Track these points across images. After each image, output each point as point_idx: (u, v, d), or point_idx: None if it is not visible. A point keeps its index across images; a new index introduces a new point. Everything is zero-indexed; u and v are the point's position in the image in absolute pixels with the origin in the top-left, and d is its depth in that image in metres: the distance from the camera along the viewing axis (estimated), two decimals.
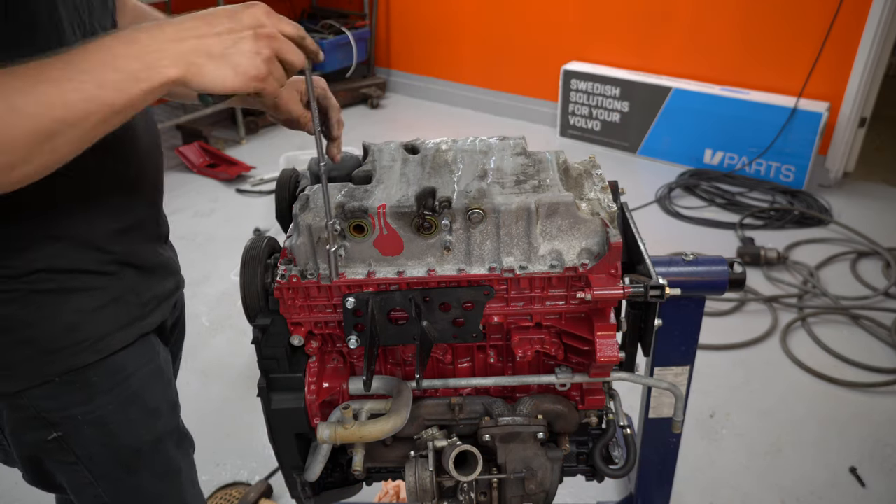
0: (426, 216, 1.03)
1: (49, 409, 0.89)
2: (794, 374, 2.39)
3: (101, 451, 0.95)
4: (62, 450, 0.93)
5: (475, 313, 1.10)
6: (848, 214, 3.32)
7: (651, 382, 1.27)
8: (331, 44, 4.61)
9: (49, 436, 0.91)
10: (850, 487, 1.97)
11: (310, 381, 1.16)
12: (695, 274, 1.28)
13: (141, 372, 0.96)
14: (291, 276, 1.07)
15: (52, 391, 0.88)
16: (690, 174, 3.72)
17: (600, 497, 1.85)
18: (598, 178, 1.19)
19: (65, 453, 0.93)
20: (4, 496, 1.96)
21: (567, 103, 4.15)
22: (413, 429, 1.21)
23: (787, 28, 3.48)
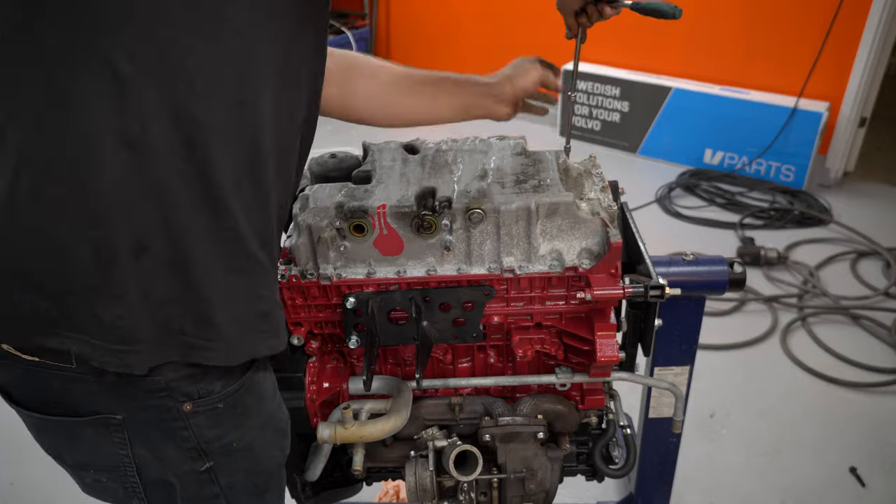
0: (426, 216, 1.03)
1: (209, 438, 0.85)
2: (794, 374, 2.39)
3: (242, 479, 0.91)
4: (210, 482, 0.89)
5: (475, 313, 1.10)
6: (848, 214, 3.32)
7: (651, 382, 1.27)
8: (330, 44, 4.60)
9: (202, 467, 0.87)
10: (850, 487, 1.97)
11: (310, 381, 1.16)
12: (695, 274, 1.28)
13: (268, 392, 0.93)
14: (291, 275, 1.07)
15: (215, 418, 0.84)
16: (690, 174, 3.72)
17: (600, 497, 1.85)
18: (598, 177, 1.19)
19: (211, 485, 0.89)
20: (4, 495, 1.96)
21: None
22: (413, 429, 1.21)
23: (787, 28, 3.48)
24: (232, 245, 0.77)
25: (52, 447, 0.90)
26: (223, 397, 0.84)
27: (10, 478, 2.01)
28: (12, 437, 2.08)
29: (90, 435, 0.84)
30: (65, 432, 0.86)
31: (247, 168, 0.76)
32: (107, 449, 0.85)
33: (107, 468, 0.87)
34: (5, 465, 2.05)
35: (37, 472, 2.00)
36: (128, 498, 0.90)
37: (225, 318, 0.79)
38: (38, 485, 1.98)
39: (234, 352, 0.81)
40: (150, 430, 0.83)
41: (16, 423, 0.98)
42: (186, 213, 0.73)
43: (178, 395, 0.81)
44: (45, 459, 1.00)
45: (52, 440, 0.89)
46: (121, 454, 0.85)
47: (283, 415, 0.98)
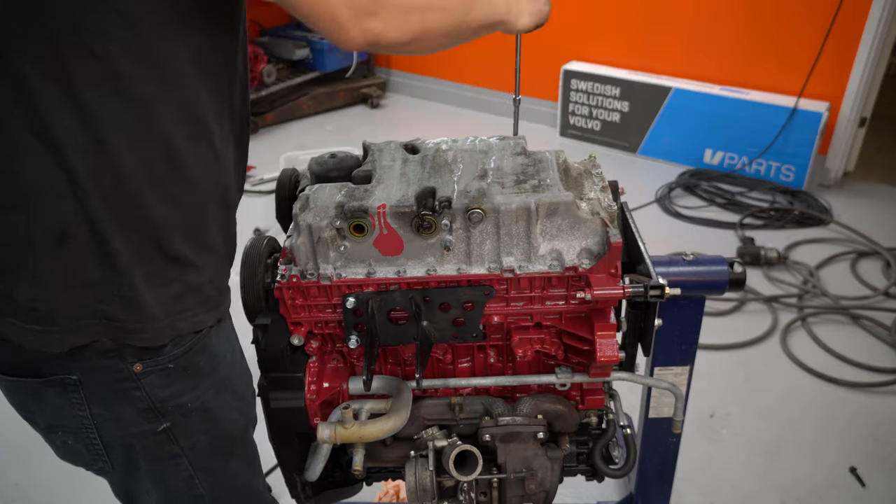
0: (426, 216, 1.03)
1: (163, 397, 0.89)
2: (794, 374, 2.39)
3: (202, 440, 0.95)
4: (168, 441, 0.93)
5: (475, 313, 1.10)
6: (848, 214, 3.32)
7: (651, 382, 1.27)
8: (331, 45, 4.61)
9: (159, 427, 0.91)
10: (850, 487, 1.97)
11: (310, 380, 1.16)
12: (695, 274, 1.28)
13: (227, 358, 0.97)
14: (291, 275, 1.07)
15: (166, 378, 0.88)
16: (690, 174, 3.72)
17: (600, 497, 1.85)
18: (598, 177, 1.19)
19: (170, 445, 0.93)
20: (4, 495, 1.96)
21: (567, 103, 4.15)
22: (413, 429, 1.21)
23: (787, 28, 3.48)
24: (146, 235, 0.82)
25: (24, 409, 0.94)
26: (173, 357, 0.88)
27: (15, 478, 2.01)
28: (16, 438, 2.09)
29: (52, 396, 0.88)
30: (31, 394, 0.90)
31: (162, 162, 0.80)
32: (68, 410, 0.89)
33: (71, 430, 0.91)
34: (10, 466, 2.05)
35: (41, 473, 2.00)
36: (93, 460, 0.94)
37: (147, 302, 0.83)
38: (42, 485, 1.98)
39: (159, 333, 0.86)
40: (104, 390, 0.87)
41: (19, 424, 0.99)
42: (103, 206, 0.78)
43: (128, 356, 0.86)
44: (48, 459, 1.00)
45: (23, 402, 0.93)
46: (80, 415, 0.89)
47: (244, 380, 1.02)
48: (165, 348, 0.87)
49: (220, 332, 0.96)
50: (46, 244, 0.78)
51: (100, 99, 0.75)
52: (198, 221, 0.87)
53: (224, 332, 0.97)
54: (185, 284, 0.87)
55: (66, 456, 0.97)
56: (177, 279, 0.86)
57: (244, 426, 1.02)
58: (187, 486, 0.98)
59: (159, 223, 0.82)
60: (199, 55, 0.81)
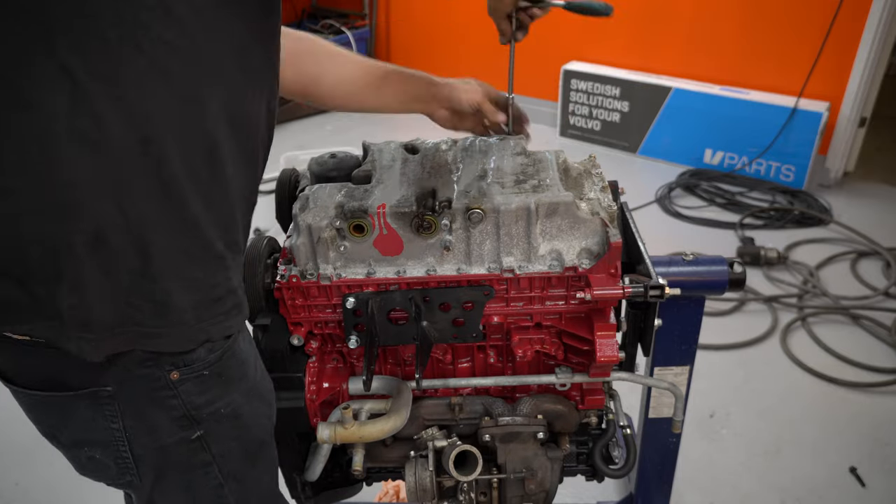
0: (426, 216, 1.03)
1: (198, 404, 0.88)
2: (794, 374, 2.39)
3: (233, 447, 0.94)
4: (201, 450, 0.91)
5: (475, 313, 1.10)
6: (848, 214, 3.32)
7: (651, 382, 1.27)
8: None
9: (193, 435, 0.89)
10: (850, 487, 1.97)
11: (310, 381, 1.16)
12: (695, 274, 1.28)
13: (253, 362, 0.96)
14: (291, 276, 1.07)
15: (202, 385, 0.87)
16: (690, 174, 3.72)
17: (600, 497, 1.85)
18: (597, 177, 1.19)
19: (203, 453, 0.91)
20: (4, 495, 1.96)
21: (567, 103, 4.15)
22: (413, 429, 1.21)
23: (787, 28, 3.48)
24: (190, 236, 0.80)
25: (46, 426, 0.92)
26: (208, 364, 0.87)
27: (15, 478, 2.01)
28: (17, 438, 2.09)
29: (82, 409, 0.86)
30: (58, 409, 0.88)
31: (204, 161, 0.79)
32: (99, 423, 0.87)
33: (100, 444, 0.89)
34: (10, 466, 2.05)
35: (41, 473, 2.01)
36: (120, 474, 0.92)
37: (181, 307, 0.82)
38: (42, 484, 1.98)
39: (185, 339, 0.84)
40: (140, 400, 0.86)
41: (19, 424, 0.98)
42: (144, 207, 0.76)
43: (165, 363, 0.84)
44: (48, 460, 1.00)
45: (46, 418, 0.91)
46: (112, 427, 0.87)
47: (268, 384, 1.01)
48: (199, 355, 0.86)
49: (245, 337, 0.94)
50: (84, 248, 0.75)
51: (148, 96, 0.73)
52: (230, 222, 0.86)
53: (247, 337, 0.96)
54: (225, 288, 0.86)
55: (89, 471, 0.94)
56: (219, 283, 0.85)
57: (270, 430, 1.01)
58: (216, 495, 0.96)
59: (201, 223, 0.80)
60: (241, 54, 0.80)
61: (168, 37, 0.73)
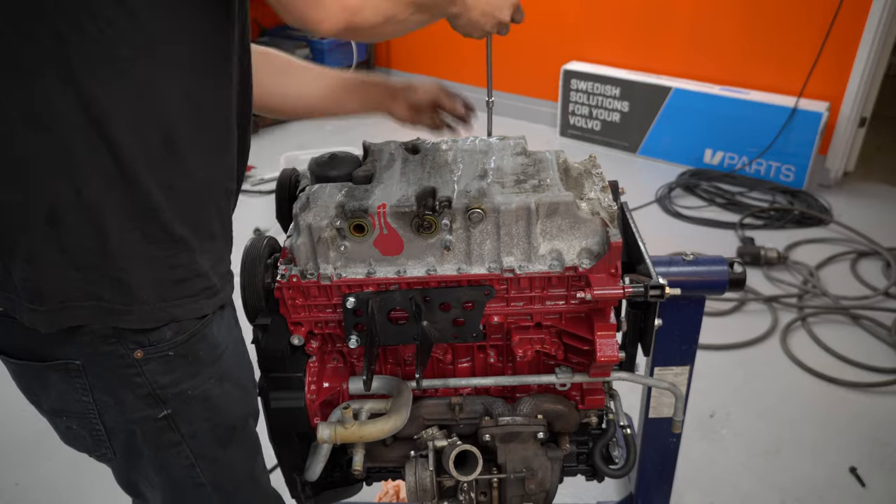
0: (426, 216, 1.03)
1: (163, 384, 0.90)
2: (794, 374, 2.39)
3: (203, 428, 0.96)
4: (169, 428, 0.93)
5: (475, 313, 1.10)
6: (848, 214, 3.32)
7: (651, 382, 1.27)
8: (331, 44, 4.61)
9: (159, 414, 0.91)
10: (850, 487, 1.97)
11: (310, 380, 1.16)
12: (695, 274, 1.28)
13: (229, 348, 0.98)
14: (291, 275, 1.07)
15: (167, 365, 0.89)
16: (690, 174, 3.72)
17: (600, 497, 1.85)
18: (598, 177, 1.19)
19: (171, 432, 0.94)
20: (4, 495, 1.97)
21: (567, 103, 4.15)
22: (413, 429, 1.21)
23: (787, 28, 3.48)
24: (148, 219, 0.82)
25: (30, 393, 0.95)
26: (173, 345, 0.88)
27: (15, 478, 2.01)
28: (16, 439, 2.09)
29: (56, 380, 0.89)
30: (37, 377, 0.91)
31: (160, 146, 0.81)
32: (72, 395, 0.90)
33: (75, 415, 0.92)
34: (10, 466, 2.05)
35: (41, 472, 2.00)
36: (95, 446, 0.95)
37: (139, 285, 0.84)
38: (42, 484, 1.98)
39: (150, 316, 0.86)
40: (107, 375, 0.88)
41: (18, 423, 0.99)
42: (99, 189, 0.78)
43: (129, 342, 0.86)
44: (48, 460, 1.00)
45: (29, 385, 0.94)
46: (84, 400, 0.90)
47: (246, 371, 1.02)
48: (166, 335, 0.88)
49: (222, 322, 0.96)
50: (38, 224, 0.78)
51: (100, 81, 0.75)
52: (197, 208, 0.87)
53: (226, 322, 0.97)
54: (188, 270, 0.88)
55: (69, 441, 0.98)
56: (180, 264, 0.86)
57: (245, 416, 1.03)
58: (189, 474, 0.98)
59: (159, 207, 0.82)
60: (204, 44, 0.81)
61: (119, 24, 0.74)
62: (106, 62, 0.75)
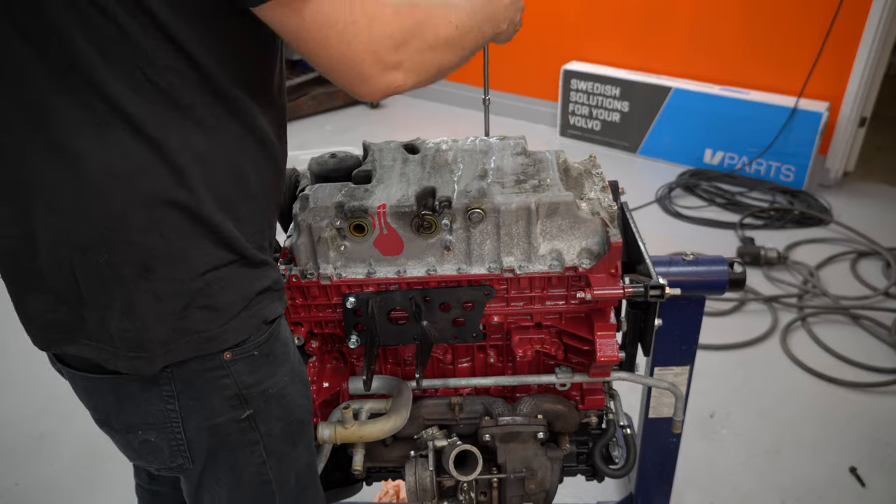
0: (426, 216, 1.03)
1: (249, 384, 0.91)
2: (794, 374, 2.39)
3: (278, 426, 0.97)
4: (250, 429, 0.95)
5: (475, 313, 1.10)
6: (848, 214, 3.32)
7: (651, 382, 1.27)
8: None
9: (243, 414, 0.93)
10: (850, 487, 1.97)
11: (310, 380, 1.16)
12: (695, 274, 1.28)
13: (292, 346, 1.00)
14: (292, 275, 1.07)
15: (252, 365, 0.91)
16: (690, 174, 3.72)
17: (600, 497, 1.85)
18: (598, 177, 1.19)
19: (251, 432, 0.95)
20: (4, 496, 1.97)
21: (567, 103, 4.15)
22: (413, 428, 1.21)
23: (787, 28, 3.48)
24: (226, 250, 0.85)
25: (101, 411, 0.95)
26: (257, 345, 0.91)
27: (15, 478, 2.01)
28: (16, 438, 2.09)
29: (137, 391, 0.90)
30: (113, 391, 0.91)
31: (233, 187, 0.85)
32: (155, 405, 0.91)
33: (155, 426, 0.92)
34: (10, 466, 2.05)
35: (41, 473, 2.00)
36: (172, 457, 0.95)
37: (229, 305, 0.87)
38: (42, 485, 1.98)
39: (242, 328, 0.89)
40: (194, 380, 0.89)
41: (18, 424, 0.98)
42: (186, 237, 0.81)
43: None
44: (47, 461, 1.00)
45: (101, 402, 0.94)
46: (168, 408, 0.91)
47: (304, 368, 1.05)
48: (250, 336, 0.90)
49: (284, 322, 0.99)
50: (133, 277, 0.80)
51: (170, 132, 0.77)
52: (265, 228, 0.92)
53: (286, 323, 1.00)
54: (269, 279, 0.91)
55: (142, 456, 0.98)
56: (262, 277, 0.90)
57: (310, 411, 1.05)
58: (259, 472, 0.99)
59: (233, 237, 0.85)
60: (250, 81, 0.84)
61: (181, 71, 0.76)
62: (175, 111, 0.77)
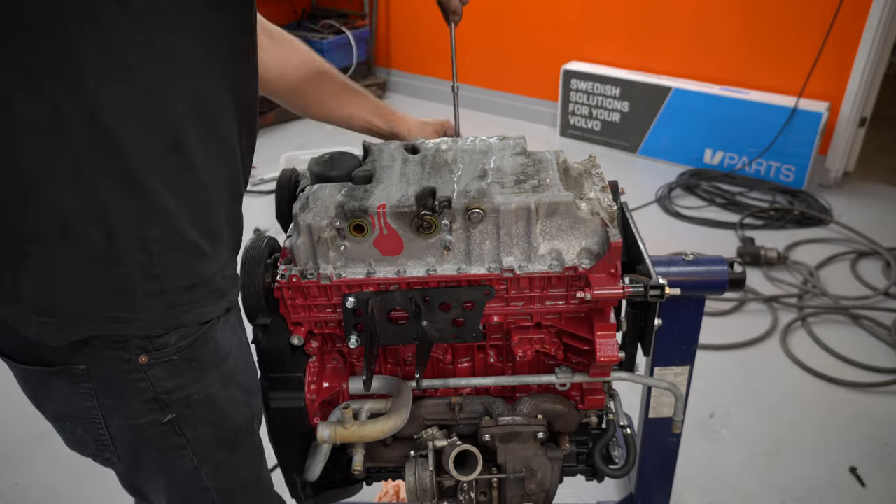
0: (426, 216, 1.03)
1: (168, 389, 0.89)
2: (794, 374, 2.39)
3: (207, 432, 0.95)
4: (174, 433, 0.93)
5: (475, 313, 1.10)
6: (848, 214, 3.32)
7: (651, 382, 1.27)
8: (331, 44, 4.61)
9: (164, 418, 0.91)
10: (850, 487, 1.97)
11: (310, 380, 1.16)
12: (695, 274, 1.28)
13: (233, 351, 0.97)
14: (291, 275, 1.07)
15: (171, 370, 0.88)
16: (690, 174, 3.72)
17: (600, 497, 1.85)
18: (598, 177, 1.19)
19: (176, 436, 0.93)
20: (4, 496, 1.97)
21: (567, 103, 4.15)
22: (413, 428, 1.21)
23: (787, 28, 3.48)
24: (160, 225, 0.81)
25: (36, 398, 0.94)
26: (178, 350, 0.87)
27: (15, 478, 2.01)
28: (16, 439, 2.09)
29: (61, 385, 0.88)
30: (42, 383, 0.90)
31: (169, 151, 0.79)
32: (77, 401, 0.89)
33: (79, 420, 0.91)
34: (10, 466, 2.05)
35: (41, 473, 2.00)
36: (99, 451, 0.94)
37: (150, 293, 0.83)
38: (42, 485, 1.98)
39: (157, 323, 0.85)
40: (111, 380, 0.87)
41: (18, 424, 0.99)
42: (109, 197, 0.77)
43: (133, 347, 0.85)
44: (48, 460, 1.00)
45: (35, 390, 0.93)
46: (88, 405, 0.89)
47: (250, 374, 1.02)
48: (171, 340, 0.87)
49: (227, 325, 0.95)
50: (50, 237, 0.77)
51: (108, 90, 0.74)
52: (207, 211, 0.86)
53: (230, 325, 0.97)
54: (198, 275, 0.87)
55: (74, 446, 0.98)
56: (192, 270, 0.86)
57: (249, 419, 1.02)
58: (193, 478, 0.98)
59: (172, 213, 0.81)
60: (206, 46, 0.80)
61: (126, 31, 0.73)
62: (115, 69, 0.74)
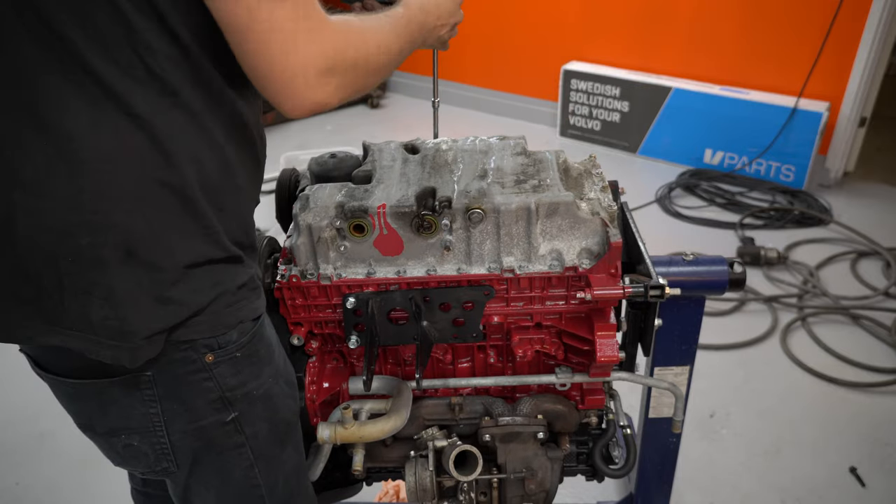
0: (426, 216, 1.03)
1: (232, 386, 0.91)
2: (794, 374, 2.39)
3: (264, 428, 0.97)
4: (235, 432, 0.94)
5: (475, 313, 1.10)
6: (848, 214, 3.32)
7: (651, 382, 1.27)
8: None
9: (228, 417, 0.92)
10: (850, 487, 1.97)
11: (310, 380, 1.16)
12: (695, 274, 1.28)
13: (277, 346, 1.00)
14: (291, 275, 1.08)
15: (235, 367, 0.90)
16: (690, 174, 3.72)
17: (600, 497, 1.85)
18: (598, 177, 1.19)
19: (237, 435, 0.94)
20: (5, 495, 1.97)
21: (567, 103, 4.15)
22: (413, 429, 1.21)
23: (787, 28, 3.48)
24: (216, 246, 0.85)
25: (83, 416, 0.94)
26: (240, 346, 0.90)
27: (15, 478, 2.01)
28: (16, 439, 2.09)
29: (120, 395, 0.89)
30: (95, 396, 0.90)
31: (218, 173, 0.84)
32: (137, 409, 0.89)
33: (137, 430, 0.91)
34: (10, 466, 2.05)
35: (41, 473, 2.00)
36: (157, 460, 0.94)
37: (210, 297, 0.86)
38: (42, 485, 1.98)
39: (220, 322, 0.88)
40: (177, 384, 0.89)
41: (19, 424, 0.98)
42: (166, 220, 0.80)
43: (200, 347, 0.87)
44: (47, 460, 1.00)
45: (83, 407, 0.93)
46: (150, 413, 0.90)
47: (290, 368, 1.05)
48: (233, 337, 0.89)
49: (267, 322, 0.98)
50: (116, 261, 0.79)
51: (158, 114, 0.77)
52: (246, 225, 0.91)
53: (269, 322, 0.99)
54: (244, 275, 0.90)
55: (126, 460, 0.97)
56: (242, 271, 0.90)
57: (296, 411, 1.05)
58: (247, 476, 0.99)
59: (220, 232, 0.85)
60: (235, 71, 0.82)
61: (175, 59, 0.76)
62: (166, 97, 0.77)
